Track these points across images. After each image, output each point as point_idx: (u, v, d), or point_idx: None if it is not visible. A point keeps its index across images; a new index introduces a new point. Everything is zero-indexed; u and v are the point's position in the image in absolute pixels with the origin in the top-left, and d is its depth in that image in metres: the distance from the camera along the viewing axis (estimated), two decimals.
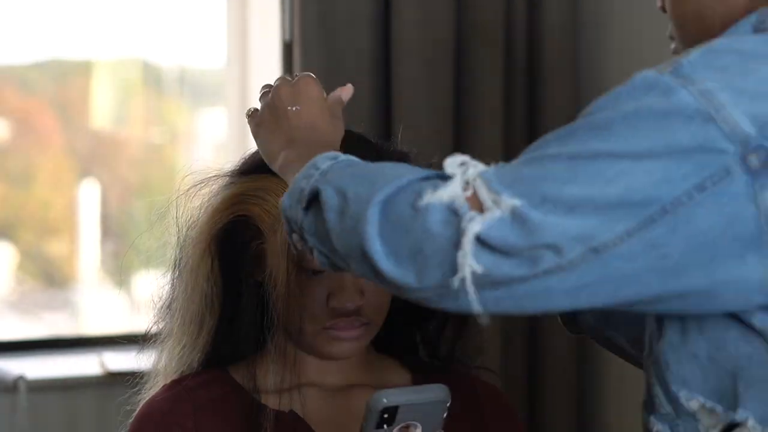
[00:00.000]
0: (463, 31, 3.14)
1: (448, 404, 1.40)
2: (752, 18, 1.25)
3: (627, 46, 3.11)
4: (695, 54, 1.19)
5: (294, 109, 1.48)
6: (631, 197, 1.13)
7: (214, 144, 3.75)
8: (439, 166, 1.24)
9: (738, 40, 1.22)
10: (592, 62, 3.24)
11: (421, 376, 1.65)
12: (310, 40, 3.03)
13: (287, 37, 3.11)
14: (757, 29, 1.24)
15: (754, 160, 1.14)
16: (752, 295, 1.17)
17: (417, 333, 1.72)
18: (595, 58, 3.24)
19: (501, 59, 3.12)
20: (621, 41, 3.16)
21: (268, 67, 3.24)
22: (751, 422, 1.20)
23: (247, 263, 1.60)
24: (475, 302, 1.16)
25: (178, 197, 1.65)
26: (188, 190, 1.65)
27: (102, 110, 3.65)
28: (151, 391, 1.66)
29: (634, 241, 1.13)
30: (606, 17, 3.21)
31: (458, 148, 3.12)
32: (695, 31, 1.32)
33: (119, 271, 3.54)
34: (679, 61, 1.19)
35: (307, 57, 3.03)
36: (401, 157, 1.65)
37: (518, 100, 3.17)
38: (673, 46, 1.36)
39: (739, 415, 1.20)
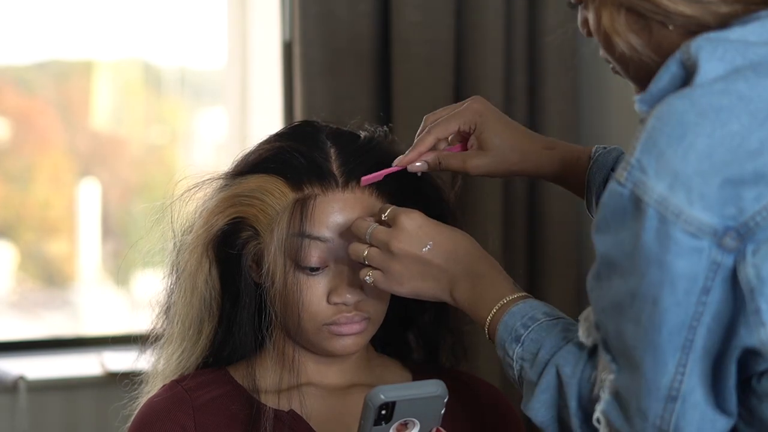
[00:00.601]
0: (463, 31, 3.14)
1: (445, 400, 1.40)
2: (677, 56, 1.29)
3: None
4: (639, 148, 1.26)
5: (427, 248, 1.50)
6: (661, 335, 1.25)
7: (214, 144, 3.75)
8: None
9: (670, 110, 1.26)
10: (592, 62, 3.24)
11: (421, 377, 1.65)
12: (310, 40, 3.03)
13: (287, 37, 3.11)
14: (685, 65, 1.29)
15: (730, 242, 1.23)
16: (762, 363, 1.24)
17: (415, 335, 1.73)
18: (595, 58, 3.24)
19: (501, 59, 3.12)
20: None
21: (268, 67, 3.24)
22: None
23: (245, 264, 1.60)
24: None
25: (172, 202, 1.65)
26: (182, 194, 1.65)
27: (102, 110, 3.65)
28: (150, 392, 1.66)
29: (689, 366, 1.25)
30: None
31: None
32: (636, 69, 1.39)
33: (119, 271, 3.54)
34: (629, 162, 1.26)
35: (307, 57, 3.03)
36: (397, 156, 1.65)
37: (518, 100, 3.17)
38: (610, 66, 1.42)
39: None
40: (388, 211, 1.53)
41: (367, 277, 1.52)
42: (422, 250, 1.50)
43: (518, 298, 1.45)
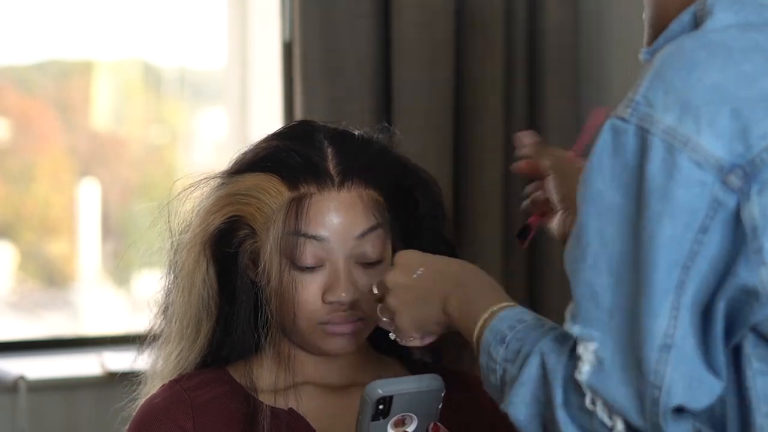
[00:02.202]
0: (463, 31, 3.14)
1: (442, 394, 1.40)
2: (691, 8, 1.29)
3: (627, 46, 3.11)
4: (645, 84, 1.24)
5: (418, 274, 1.48)
6: (654, 273, 1.21)
7: (214, 144, 3.76)
8: (438, 166, 1.26)
9: (678, 47, 1.24)
10: (592, 62, 3.24)
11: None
12: (310, 40, 3.03)
13: (287, 37, 3.11)
14: (697, 16, 1.28)
15: (735, 181, 1.20)
16: (757, 307, 1.21)
17: None
18: (595, 58, 3.24)
19: (501, 59, 3.12)
20: (621, 41, 3.16)
21: (268, 67, 3.24)
22: None
23: (242, 263, 1.60)
24: None
25: (169, 202, 1.65)
26: (179, 194, 1.65)
27: (102, 110, 3.65)
28: (149, 392, 1.66)
29: (681, 310, 1.21)
30: (606, 17, 3.21)
31: (458, 148, 3.12)
32: (655, 13, 1.37)
33: (119, 270, 3.55)
34: (632, 99, 1.24)
35: (307, 57, 3.03)
36: (395, 157, 1.65)
37: (518, 100, 3.17)
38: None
39: None
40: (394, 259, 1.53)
41: (391, 334, 1.51)
42: (413, 277, 1.48)
43: (508, 305, 1.40)
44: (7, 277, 3.59)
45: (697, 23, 1.27)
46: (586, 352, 1.25)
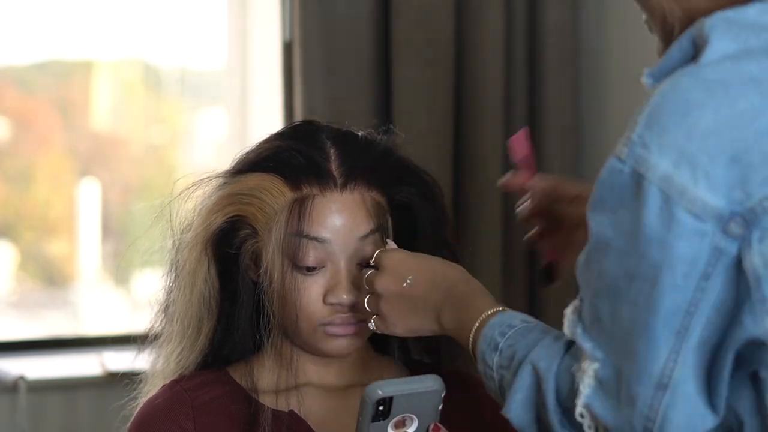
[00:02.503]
0: (463, 31, 3.14)
1: (442, 395, 1.40)
2: (691, 32, 1.26)
3: (627, 46, 3.11)
4: (641, 123, 1.23)
5: (408, 283, 1.49)
6: (654, 318, 1.21)
7: (214, 144, 3.76)
8: (438, 166, 1.27)
9: (674, 86, 1.23)
10: (592, 62, 3.24)
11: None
12: (310, 40, 3.03)
13: (287, 37, 3.11)
14: (695, 42, 1.26)
15: (735, 229, 1.19)
16: (766, 355, 1.21)
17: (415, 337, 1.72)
18: (595, 58, 3.24)
19: (501, 59, 3.12)
20: (621, 41, 3.16)
21: (268, 67, 3.24)
22: None
23: (243, 263, 1.60)
24: None
25: (171, 201, 1.65)
26: (181, 193, 1.65)
27: (102, 110, 3.65)
28: (150, 392, 1.66)
29: (682, 354, 1.21)
30: (606, 17, 3.21)
31: (458, 148, 3.13)
32: (659, 28, 1.35)
33: (119, 270, 3.54)
34: (629, 138, 1.22)
35: (307, 57, 3.03)
36: (397, 157, 1.65)
37: (518, 100, 3.17)
38: (644, 17, 1.38)
39: None
40: (375, 255, 1.53)
41: (370, 324, 1.52)
42: (403, 286, 1.49)
43: (497, 311, 1.41)
44: (7, 277, 3.59)
45: (696, 51, 1.25)
46: (589, 369, 1.26)
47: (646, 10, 1.37)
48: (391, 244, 1.57)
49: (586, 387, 1.26)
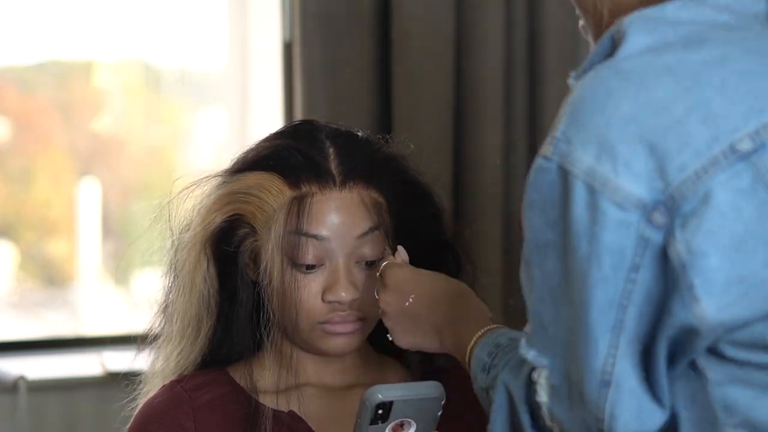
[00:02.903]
0: (463, 31, 3.14)
1: (442, 402, 1.40)
2: (611, 30, 1.27)
3: None
4: (564, 119, 1.24)
5: (410, 302, 1.51)
6: (589, 313, 1.21)
7: (214, 144, 3.76)
8: (438, 166, 1.27)
9: (592, 78, 1.24)
10: None
11: (420, 377, 1.65)
12: (310, 40, 3.03)
13: (287, 37, 3.11)
14: (614, 39, 1.26)
15: (659, 218, 1.19)
16: (698, 340, 1.21)
17: None
18: None
19: (501, 59, 3.12)
20: None
21: (268, 67, 3.24)
22: None
23: (242, 262, 1.60)
24: None
25: (170, 200, 1.65)
26: (180, 192, 1.65)
27: (102, 110, 3.65)
28: (149, 392, 1.66)
29: (620, 348, 1.21)
30: None
31: (458, 148, 3.12)
32: (594, 30, 1.36)
33: (119, 270, 3.54)
34: (553, 136, 1.23)
35: (307, 57, 3.03)
36: (395, 159, 1.65)
37: (518, 100, 3.17)
38: (580, 23, 1.39)
39: None
40: (381, 268, 1.55)
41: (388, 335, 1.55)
42: (405, 305, 1.51)
43: (488, 330, 1.42)
44: (7, 277, 3.59)
45: (614, 47, 1.25)
46: (540, 378, 1.26)
47: (580, 11, 1.38)
48: (401, 254, 1.57)
49: (543, 395, 1.26)
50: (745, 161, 1.18)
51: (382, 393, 1.37)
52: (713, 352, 1.22)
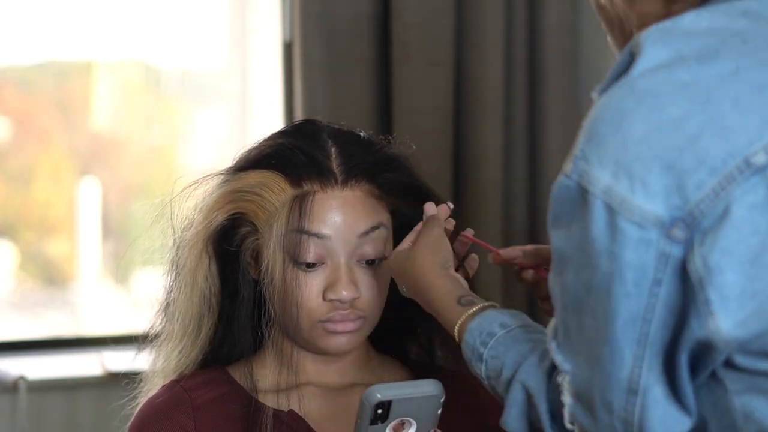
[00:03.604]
0: (463, 31, 3.14)
1: (442, 400, 1.40)
2: (630, 43, 1.28)
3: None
4: (582, 138, 1.25)
5: (404, 291, 1.57)
6: (614, 326, 1.23)
7: (214, 144, 3.76)
8: (438, 166, 1.27)
9: (609, 98, 1.25)
10: (592, 62, 3.24)
11: (420, 376, 1.65)
12: (310, 40, 3.03)
13: (287, 37, 3.11)
14: (632, 53, 1.27)
15: (678, 233, 1.20)
16: (715, 353, 1.22)
17: (414, 334, 1.73)
18: (595, 58, 3.24)
19: (501, 59, 3.12)
20: None
21: (268, 67, 3.24)
22: None
23: (244, 260, 1.60)
24: None
25: (172, 199, 1.65)
26: (182, 190, 1.65)
27: (102, 110, 3.65)
28: (150, 391, 1.66)
29: (646, 359, 1.23)
30: None
31: (458, 148, 3.13)
32: (618, 34, 1.38)
33: (119, 270, 3.55)
34: (573, 155, 1.25)
35: (307, 57, 3.03)
36: (397, 159, 1.65)
37: (518, 100, 3.17)
38: (609, 39, 1.41)
39: None
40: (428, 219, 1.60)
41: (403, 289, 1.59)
42: (402, 290, 1.57)
43: (473, 314, 1.44)
44: (7, 277, 3.60)
45: (632, 60, 1.27)
46: (565, 382, 1.29)
47: (606, 26, 1.40)
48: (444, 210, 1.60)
49: (566, 399, 1.29)
50: (760, 175, 1.19)
51: (381, 392, 1.37)
52: (728, 362, 1.24)
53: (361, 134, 1.66)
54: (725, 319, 1.19)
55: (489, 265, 1.70)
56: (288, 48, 3.10)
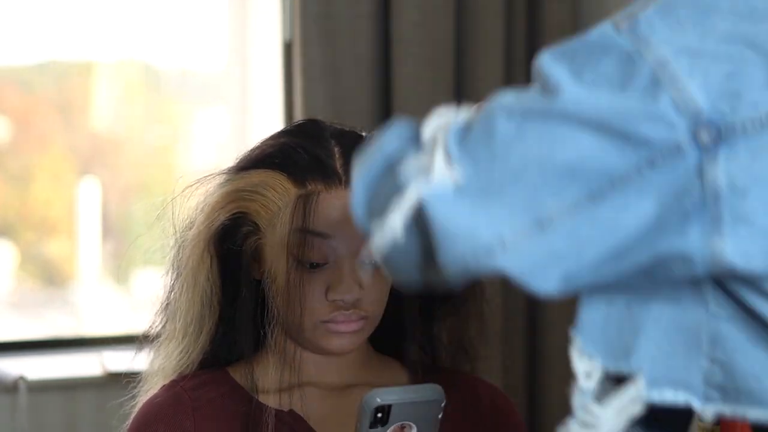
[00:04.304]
0: (463, 31, 3.14)
1: (442, 404, 1.39)
2: None
3: None
4: (652, 7, 1.16)
5: None
6: (582, 165, 1.11)
7: (214, 144, 3.76)
8: None
9: None
10: None
11: (421, 378, 1.65)
12: (310, 40, 3.03)
13: (287, 37, 3.12)
14: None
15: (704, 136, 1.11)
16: (694, 267, 1.13)
17: (415, 334, 1.72)
18: None
19: (501, 59, 3.13)
20: None
21: (268, 67, 3.24)
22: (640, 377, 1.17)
23: (246, 260, 1.60)
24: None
25: (173, 198, 1.65)
26: (184, 190, 1.65)
27: (102, 110, 3.65)
28: (149, 391, 1.66)
29: (580, 214, 1.11)
30: (606, 17, 3.21)
31: None
32: None
33: (119, 270, 3.55)
34: (635, 15, 1.16)
35: (307, 57, 3.03)
36: None
37: None
38: None
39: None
40: None
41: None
42: None
43: None
44: (7, 277, 3.60)
45: None
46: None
47: None
48: None
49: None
50: None
51: (381, 396, 1.37)
52: (722, 285, 1.15)
53: (364, 134, 1.66)
54: (732, 244, 1.11)
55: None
56: (288, 48, 3.10)
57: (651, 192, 1.11)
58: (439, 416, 1.40)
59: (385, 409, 1.37)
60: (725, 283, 1.15)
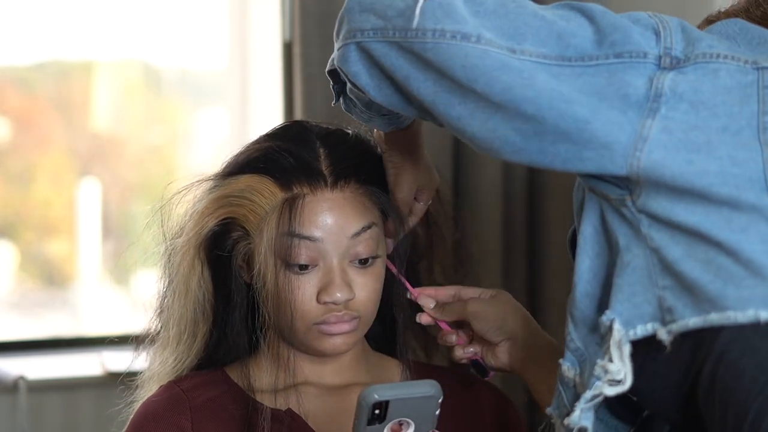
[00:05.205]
0: None
1: (440, 400, 1.39)
2: None
3: None
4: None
5: None
6: (570, 38, 1.31)
7: (214, 144, 3.76)
8: (438, 165, 1.28)
9: None
10: None
11: (419, 376, 1.65)
12: (310, 40, 3.03)
13: (287, 37, 3.12)
14: None
15: (667, 61, 1.32)
16: (615, 157, 1.30)
17: (410, 333, 1.72)
18: None
19: None
20: None
21: (268, 67, 3.24)
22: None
23: (236, 265, 1.60)
24: None
25: (162, 206, 1.64)
26: (171, 198, 1.64)
27: (102, 110, 3.65)
28: (147, 393, 1.66)
29: (544, 66, 1.31)
30: None
31: (458, 147, 3.13)
32: None
33: (119, 270, 3.55)
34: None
35: (307, 57, 3.03)
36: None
37: None
38: None
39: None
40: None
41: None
42: None
43: None
44: (7, 277, 3.60)
45: None
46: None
47: None
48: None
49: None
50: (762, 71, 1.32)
51: (378, 393, 1.37)
52: (655, 218, 1.31)
53: (350, 132, 1.65)
54: (656, 130, 1.29)
55: (489, 266, 1.69)
56: (288, 48, 3.10)
57: (603, 72, 1.31)
58: (437, 412, 1.40)
59: (383, 406, 1.37)
60: (652, 212, 1.31)
